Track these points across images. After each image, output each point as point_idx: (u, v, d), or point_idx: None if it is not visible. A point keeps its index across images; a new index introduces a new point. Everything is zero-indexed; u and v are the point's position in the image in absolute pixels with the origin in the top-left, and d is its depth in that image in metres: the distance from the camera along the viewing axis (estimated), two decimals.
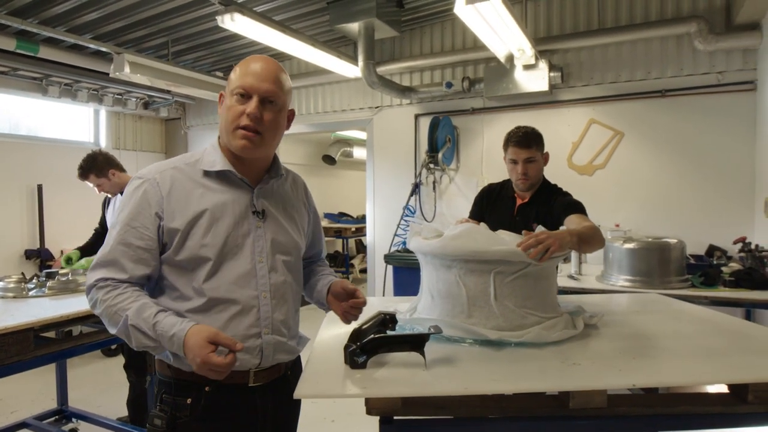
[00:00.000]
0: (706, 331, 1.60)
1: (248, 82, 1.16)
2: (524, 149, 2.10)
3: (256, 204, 1.23)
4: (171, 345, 1.07)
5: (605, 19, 3.94)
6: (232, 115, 1.17)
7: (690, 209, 3.75)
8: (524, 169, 2.11)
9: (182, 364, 1.16)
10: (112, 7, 3.62)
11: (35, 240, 4.91)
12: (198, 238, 1.15)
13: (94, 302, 1.14)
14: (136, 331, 1.08)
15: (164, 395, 1.19)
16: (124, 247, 1.13)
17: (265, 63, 1.19)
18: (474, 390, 1.14)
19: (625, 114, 3.93)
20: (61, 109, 5.33)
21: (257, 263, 1.20)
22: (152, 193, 1.16)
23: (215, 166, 1.20)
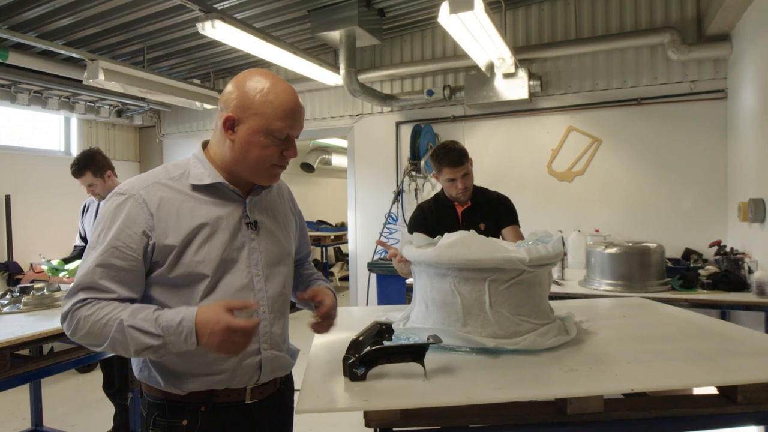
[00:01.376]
0: (692, 334, 1.64)
1: (290, 125, 1.12)
2: (460, 167, 2.27)
3: (250, 215, 1.19)
4: (179, 335, 1.00)
5: (582, 29, 4.04)
6: (269, 156, 1.12)
7: (666, 213, 3.85)
8: (464, 184, 2.31)
9: (174, 387, 1.11)
10: (86, 12, 3.53)
11: (3, 253, 4.71)
12: (194, 255, 1.10)
13: (75, 325, 1.03)
14: (136, 332, 1.00)
15: (158, 418, 1.13)
16: (105, 269, 1.05)
17: (297, 100, 1.14)
18: (477, 399, 1.13)
19: (602, 121, 4.03)
20: (31, 117, 5.16)
21: (254, 276, 1.17)
22: (138, 211, 1.08)
23: (204, 180, 1.14)
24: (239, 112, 1.10)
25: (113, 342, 1.01)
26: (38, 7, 3.36)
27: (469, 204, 2.38)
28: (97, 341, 1.03)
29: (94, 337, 1.03)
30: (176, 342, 1.00)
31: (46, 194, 4.90)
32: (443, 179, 2.32)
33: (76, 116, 5.32)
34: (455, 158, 2.24)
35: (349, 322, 1.94)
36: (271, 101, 1.09)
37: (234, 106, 1.11)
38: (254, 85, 1.10)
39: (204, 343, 1.00)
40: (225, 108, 1.12)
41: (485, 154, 4.44)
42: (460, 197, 2.34)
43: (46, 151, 5.32)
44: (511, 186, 4.29)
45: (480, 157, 4.45)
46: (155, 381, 1.12)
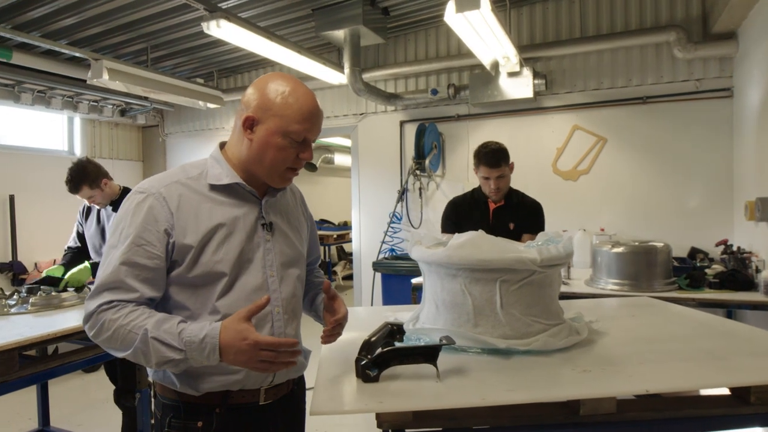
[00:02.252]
0: (703, 334, 1.63)
1: (308, 129, 1.13)
2: (495, 168, 2.35)
3: (265, 216, 1.20)
4: (202, 351, 0.99)
5: (587, 27, 4.03)
6: (285, 157, 1.13)
7: (671, 212, 3.84)
8: (497, 185, 2.39)
9: (190, 389, 1.11)
10: (90, 12, 3.52)
11: (7, 253, 4.72)
12: (213, 254, 1.10)
13: (99, 326, 1.03)
14: (159, 344, 0.99)
15: (172, 420, 1.13)
16: (130, 267, 1.05)
17: (316, 103, 1.16)
18: (492, 401, 1.13)
19: (607, 120, 4.02)
20: (34, 117, 5.16)
21: (268, 277, 1.17)
22: (159, 209, 1.08)
23: (222, 180, 1.15)
24: (259, 113, 1.11)
25: (136, 351, 1.01)
26: (42, 6, 3.35)
27: (503, 203, 2.47)
28: (121, 348, 1.03)
29: (117, 343, 1.03)
30: (198, 358, 1.00)
31: (50, 194, 4.89)
32: (479, 175, 2.43)
33: (80, 116, 5.32)
34: (492, 159, 2.33)
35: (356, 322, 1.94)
36: (291, 104, 1.11)
37: (255, 106, 1.12)
38: (275, 87, 1.12)
39: (230, 360, 1.00)
40: (246, 108, 1.14)
41: None
42: (492, 196, 2.44)
43: (50, 150, 5.32)
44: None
45: None
46: (170, 381, 1.12)
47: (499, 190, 2.40)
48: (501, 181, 2.39)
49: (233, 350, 0.98)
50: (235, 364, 1.00)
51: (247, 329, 0.97)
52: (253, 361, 0.98)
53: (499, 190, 2.40)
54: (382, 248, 4.66)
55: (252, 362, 0.99)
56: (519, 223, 2.42)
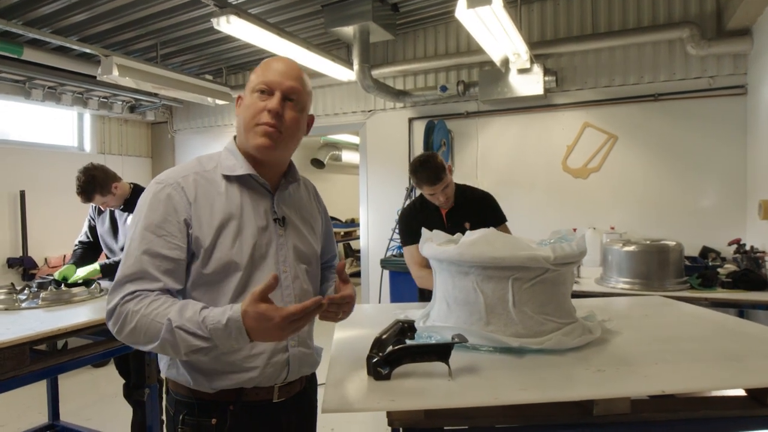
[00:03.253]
0: (718, 334, 1.61)
1: (270, 78, 1.12)
2: (437, 184, 2.29)
3: (277, 211, 1.19)
4: (228, 335, 0.95)
5: (598, 24, 3.98)
6: (252, 112, 1.11)
7: (683, 211, 3.80)
8: (444, 196, 2.36)
9: (203, 386, 1.10)
10: (100, 8, 3.53)
11: (18, 248, 4.76)
12: (226, 248, 1.09)
13: (123, 319, 0.99)
14: (184, 334, 0.96)
15: (186, 417, 1.12)
16: (151, 257, 1.03)
17: (288, 62, 1.16)
18: (504, 400, 1.11)
19: (618, 117, 3.97)
20: (45, 113, 5.19)
21: (281, 272, 1.15)
22: (178, 199, 1.08)
23: (236, 171, 1.14)
24: (245, 89, 1.17)
25: (163, 343, 0.97)
26: (53, 2, 3.37)
27: (452, 205, 2.43)
28: (146, 340, 0.99)
29: (141, 335, 0.99)
30: (226, 342, 0.97)
31: (60, 190, 4.92)
32: (424, 192, 2.38)
33: (90, 112, 5.34)
34: (432, 177, 2.26)
35: (365, 319, 1.94)
36: (260, 66, 1.16)
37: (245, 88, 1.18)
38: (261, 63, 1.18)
39: (260, 339, 0.97)
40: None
41: (498, 150, 4.41)
42: (443, 206, 2.41)
43: (60, 147, 5.36)
44: (525, 183, 4.28)
45: (493, 154, 4.43)
46: (184, 379, 1.11)
47: (447, 199, 2.38)
48: (447, 190, 2.35)
49: (261, 331, 0.95)
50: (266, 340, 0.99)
51: (267, 310, 0.93)
52: (287, 333, 0.96)
53: (448, 198, 2.39)
54: (390, 245, 4.65)
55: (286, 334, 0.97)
56: (474, 220, 2.35)
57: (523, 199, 4.29)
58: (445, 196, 2.35)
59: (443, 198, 2.35)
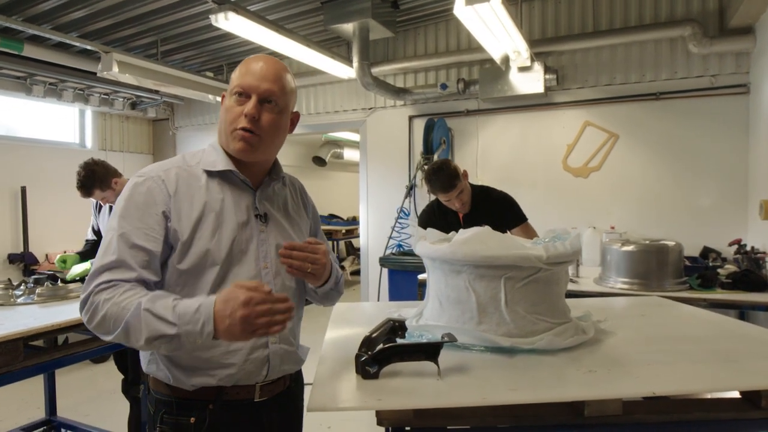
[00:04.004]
0: (713, 335, 1.59)
1: (247, 82, 1.11)
2: (450, 192, 2.34)
3: (259, 207, 1.18)
4: (196, 323, 0.93)
5: (600, 21, 3.96)
6: (231, 116, 1.12)
7: (684, 211, 3.78)
8: (459, 201, 2.39)
9: (183, 383, 1.10)
10: (100, 5, 3.53)
11: (19, 244, 4.77)
12: (205, 242, 1.08)
13: (94, 308, 0.98)
14: (152, 317, 0.94)
15: (164, 415, 1.11)
16: (129, 247, 1.03)
17: (267, 62, 1.14)
18: (493, 400, 1.10)
19: (619, 116, 3.95)
20: (46, 109, 5.20)
21: (262, 269, 1.15)
22: (158, 191, 1.08)
23: (217, 166, 1.14)
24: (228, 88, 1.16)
25: (127, 327, 0.95)
26: None
27: (469, 208, 2.46)
28: (113, 327, 0.97)
29: (109, 323, 0.97)
30: (192, 332, 0.93)
31: (61, 186, 4.93)
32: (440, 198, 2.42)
33: (91, 108, 5.35)
34: (445, 185, 2.30)
35: (361, 317, 1.93)
36: (240, 67, 1.14)
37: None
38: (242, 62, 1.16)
39: (225, 328, 0.93)
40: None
41: (498, 148, 4.40)
42: (460, 211, 2.44)
43: (62, 143, 5.37)
44: (525, 181, 4.26)
45: (493, 152, 4.42)
46: (164, 375, 1.11)
47: (463, 204, 2.40)
48: (462, 196, 2.38)
49: (227, 312, 0.92)
50: (232, 332, 0.93)
51: (240, 290, 0.93)
52: (250, 320, 0.92)
53: (464, 203, 2.41)
54: (390, 244, 4.64)
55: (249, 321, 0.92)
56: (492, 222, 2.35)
57: (524, 198, 4.18)
58: (461, 202, 2.38)
59: (458, 204, 2.38)
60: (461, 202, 2.39)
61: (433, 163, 2.43)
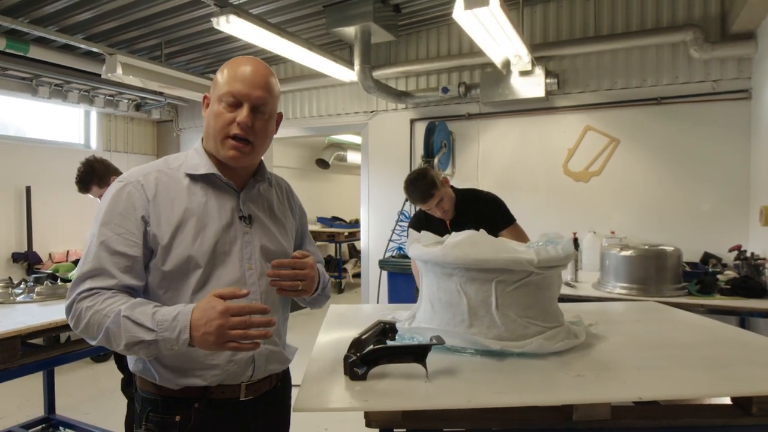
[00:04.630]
0: (707, 341, 1.59)
1: (238, 89, 1.10)
2: (428, 201, 2.30)
3: (243, 209, 1.18)
4: (173, 330, 0.95)
5: (601, 26, 3.96)
6: (221, 124, 1.11)
7: (685, 216, 3.76)
8: (440, 209, 2.36)
9: (169, 383, 1.11)
10: (105, 7, 3.57)
11: (23, 243, 4.81)
12: (186, 245, 1.09)
13: (78, 315, 1.02)
14: (130, 324, 0.96)
15: (150, 414, 1.12)
16: (110, 254, 1.04)
17: (255, 67, 1.13)
18: (478, 403, 1.11)
19: (620, 121, 3.94)
20: (51, 110, 5.25)
21: (246, 270, 1.15)
22: (137, 196, 1.09)
23: (199, 170, 1.15)
24: (210, 91, 1.15)
25: (107, 333, 0.99)
26: (58, 1, 3.41)
27: (455, 214, 2.42)
28: (95, 333, 1.01)
29: (92, 329, 1.01)
30: (169, 338, 0.96)
31: (66, 186, 4.92)
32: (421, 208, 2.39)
33: (96, 110, 5.40)
34: (423, 194, 2.27)
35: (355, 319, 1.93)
36: (226, 71, 1.13)
37: (211, 88, 1.16)
38: (225, 65, 1.15)
39: (200, 336, 0.95)
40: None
41: (499, 152, 4.40)
42: (443, 218, 2.40)
43: (67, 143, 5.41)
44: (525, 186, 4.26)
45: (494, 156, 4.42)
46: (150, 374, 1.12)
47: (445, 212, 2.37)
48: (443, 204, 2.34)
49: (203, 322, 0.94)
50: (206, 341, 0.95)
51: (217, 301, 0.95)
52: (225, 331, 0.93)
53: (445, 211, 2.37)
54: (390, 246, 4.65)
55: (223, 333, 0.93)
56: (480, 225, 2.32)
57: (524, 202, 4.26)
58: (442, 210, 2.35)
59: (440, 212, 2.36)
60: (442, 210, 2.35)
61: (410, 173, 2.38)
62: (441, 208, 2.33)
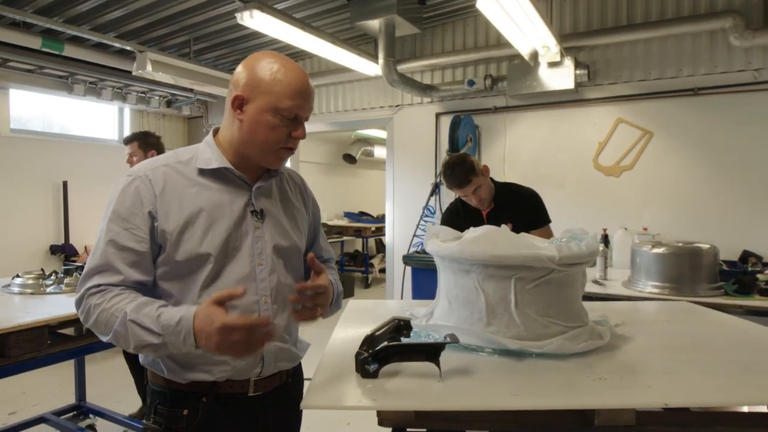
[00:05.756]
0: (743, 345, 1.50)
1: (299, 106, 1.09)
2: (465, 187, 2.24)
3: (255, 203, 1.17)
4: (178, 335, 0.97)
5: (634, 14, 3.80)
6: (278, 137, 1.10)
7: (723, 213, 3.59)
8: (477, 198, 2.29)
9: (177, 376, 1.11)
10: (135, 5, 3.64)
11: (60, 236, 5.00)
12: (196, 240, 1.08)
13: (87, 311, 1.03)
14: (137, 327, 0.98)
15: (159, 406, 1.13)
16: (117, 249, 1.05)
17: (307, 80, 1.12)
18: (491, 405, 1.07)
19: (654, 113, 3.79)
20: (88, 107, 5.42)
21: (257, 265, 1.14)
22: (144, 191, 1.08)
23: (211, 164, 1.13)
24: (248, 91, 1.09)
25: (116, 335, 1.01)
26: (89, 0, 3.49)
27: (493, 206, 2.35)
28: (105, 331, 1.03)
29: (101, 327, 1.03)
30: (176, 342, 0.98)
31: (101, 180, 5.14)
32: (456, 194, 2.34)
33: (129, 107, 5.55)
34: (460, 179, 2.22)
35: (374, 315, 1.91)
36: (281, 80, 1.08)
37: (243, 85, 1.10)
38: (264, 64, 1.10)
39: (203, 345, 0.97)
40: (234, 88, 1.11)
41: (527, 146, 4.30)
42: (479, 207, 2.34)
43: (102, 139, 5.59)
44: (554, 180, 4.15)
45: (521, 150, 4.32)
46: (159, 368, 1.12)
47: (481, 200, 2.30)
48: (480, 192, 2.27)
49: (204, 334, 0.95)
50: (209, 350, 0.97)
51: (215, 312, 0.94)
52: (226, 346, 0.94)
53: (482, 200, 2.31)
54: (414, 242, 4.61)
55: (224, 347, 0.94)
56: (517, 220, 2.23)
57: (552, 198, 4.09)
58: (478, 198, 2.29)
59: (476, 200, 2.30)
60: (478, 199, 2.30)
61: (449, 157, 2.33)
62: (477, 196, 2.28)
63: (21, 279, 2.33)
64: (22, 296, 2.23)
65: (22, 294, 2.25)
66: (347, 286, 7.08)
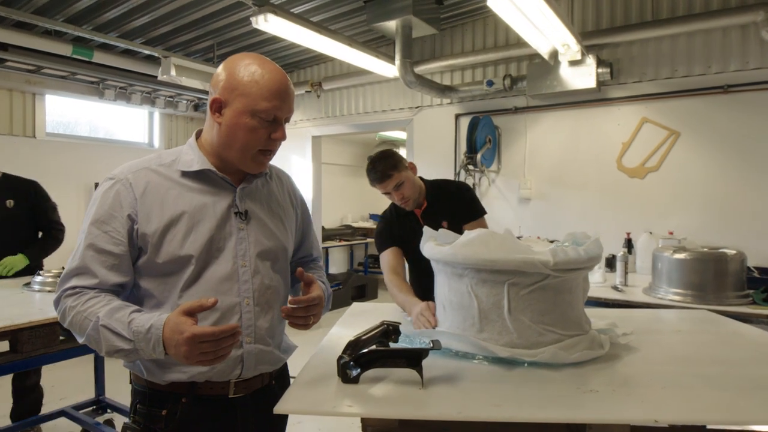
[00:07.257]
0: (758, 359, 1.40)
1: (277, 107, 1.08)
2: (386, 182, 2.07)
3: (239, 205, 1.16)
4: (148, 342, 0.97)
5: (660, 9, 3.65)
6: (257, 139, 1.10)
7: (754, 216, 3.40)
8: (399, 195, 2.11)
9: (155, 377, 1.11)
10: (159, 11, 3.74)
11: None
12: (178, 242, 1.08)
13: (63, 312, 1.05)
14: (109, 333, 0.99)
15: (139, 406, 1.14)
16: (96, 252, 1.05)
17: (286, 81, 1.11)
18: (469, 415, 1.03)
19: (681, 112, 3.63)
20: (119, 111, 5.62)
21: (240, 267, 1.13)
22: (124, 194, 1.08)
23: (193, 166, 1.13)
24: (226, 94, 1.09)
25: (89, 339, 1.02)
26: (116, 7, 3.61)
27: (426, 204, 2.18)
28: (78, 333, 1.04)
29: (76, 328, 1.04)
30: (146, 349, 0.98)
31: None
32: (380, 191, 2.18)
33: (158, 111, 5.71)
34: (378, 175, 2.06)
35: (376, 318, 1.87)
36: (257, 81, 1.07)
37: (221, 87, 1.10)
38: (242, 66, 1.09)
39: (172, 354, 0.97)
40: (213, 90, 1.12)
41: (548, 147, 4.19)
42: (404, 207, 2.16)
43: (132, 143, 5.78)
44: (576, 182, 4.03)
45: (542, 151, 4.22)
46: (138, 369, 1.13)
47: (405, 199, 2.11)
48: (403, 190, 2.08)
49: (173, 343, 0.95)
50: (178, 359, 0.97)
51: (184, 322, 0.94)
52: (194, 356, 0.95)
53: (406, 198, 2.11)
54: None
55: (193, 356, 0.95)
56: (451, 217, 2.12)
57: (574, 200, 4.04)
58: (400, 196, 2.10)
59: (398, 198, 2.11)
60: (401, 196, 2.10)
61: (376, 153, 2.18)
62: (400, 193, 2.10)
63: (41, 277, 2.41)
64: (41, 293, 2.32)
65: (41, 291, 2.34)
66: (371, 289, 7.08)
